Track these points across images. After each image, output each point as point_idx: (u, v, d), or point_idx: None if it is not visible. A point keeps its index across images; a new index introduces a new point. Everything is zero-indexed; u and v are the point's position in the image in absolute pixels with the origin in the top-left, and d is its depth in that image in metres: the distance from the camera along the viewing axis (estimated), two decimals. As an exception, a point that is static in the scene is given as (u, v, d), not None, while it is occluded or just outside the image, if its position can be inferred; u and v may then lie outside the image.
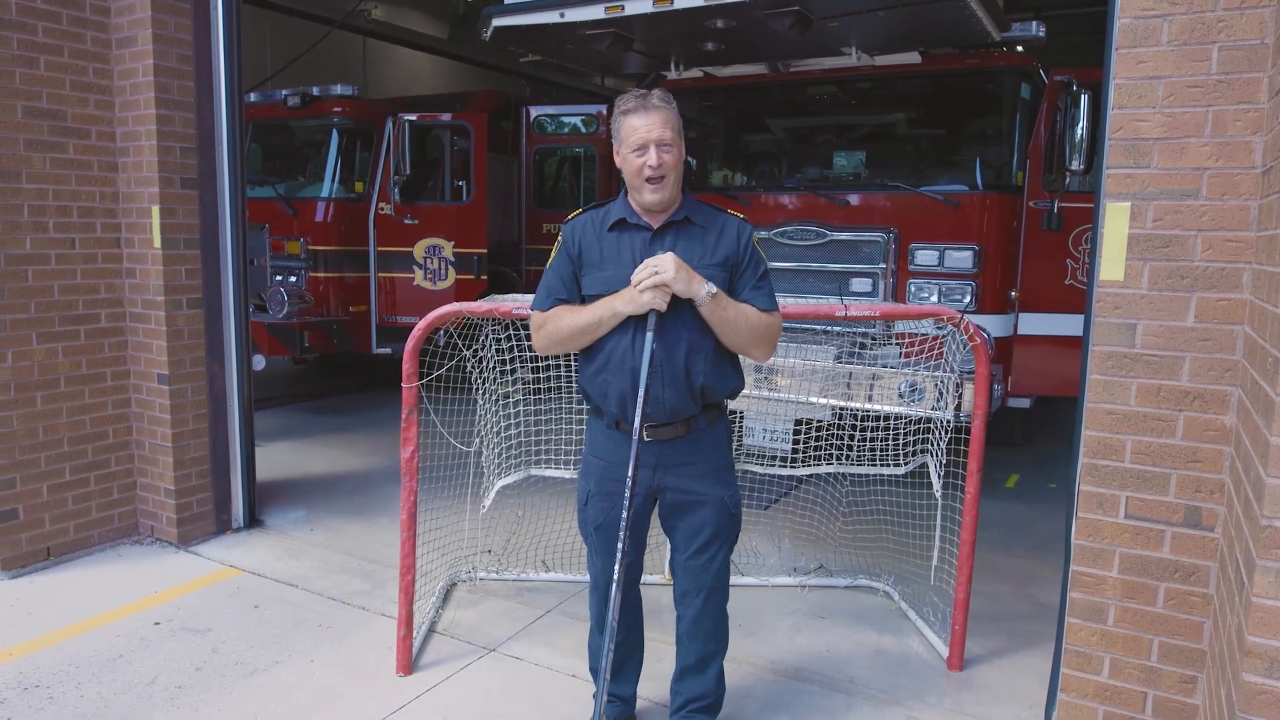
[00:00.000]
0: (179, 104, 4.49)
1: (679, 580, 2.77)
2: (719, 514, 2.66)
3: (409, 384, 3.26)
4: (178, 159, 4.51)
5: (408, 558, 3.37)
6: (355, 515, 5.19)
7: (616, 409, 2.59)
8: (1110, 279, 2.40)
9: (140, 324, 4.63)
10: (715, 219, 2.62)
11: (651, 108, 2.50)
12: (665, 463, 2.62)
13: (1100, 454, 2.44)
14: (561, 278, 2.63)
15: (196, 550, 4.67)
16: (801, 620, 3.92)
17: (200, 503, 4.78)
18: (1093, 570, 2.48)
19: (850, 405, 4.83)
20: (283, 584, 4.23)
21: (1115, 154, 2.37)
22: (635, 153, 2.50)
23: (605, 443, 2.68)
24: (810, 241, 5.90)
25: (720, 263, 2.56)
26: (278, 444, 6.72)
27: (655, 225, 2.57)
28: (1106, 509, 2.45)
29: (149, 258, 4.53)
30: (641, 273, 2.39)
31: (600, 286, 2.56)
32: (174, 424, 4.62)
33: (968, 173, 5.80)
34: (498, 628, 3.78)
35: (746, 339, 2.54)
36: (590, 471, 2.73)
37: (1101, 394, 2.43)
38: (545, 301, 2.64)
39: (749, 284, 2.58)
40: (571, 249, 2.63)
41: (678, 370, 2.53)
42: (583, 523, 2.79)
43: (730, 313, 2.48)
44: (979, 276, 5.57)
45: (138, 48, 4.40)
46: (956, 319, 3.24)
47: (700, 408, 2.60)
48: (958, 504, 3.55)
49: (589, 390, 2.67)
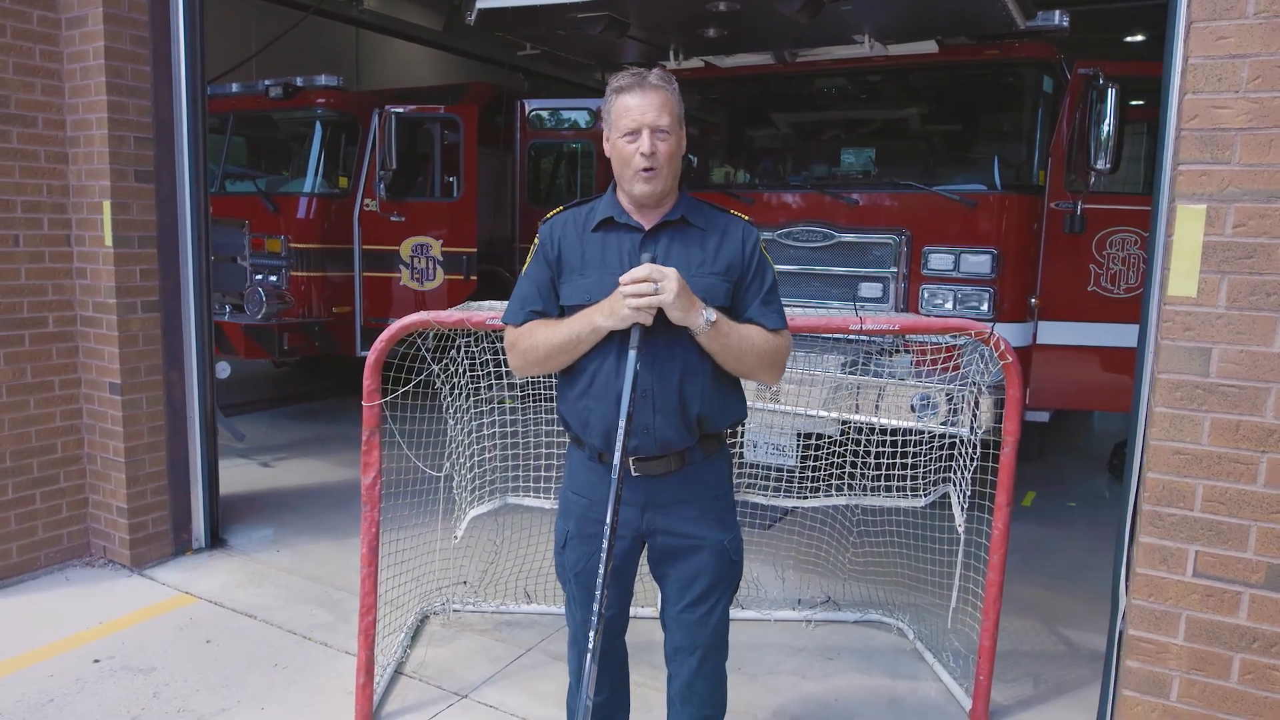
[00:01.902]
0: (133, 90, 4.13)
1: (671, 635, 2.40)
2: (717, 561, 2.30)
3: (370, 402, 2.90)
4: (132, 150, 4.14)
5: (368, 597, 3.01)
6: (327, 534, 4.83)
7: (599, 440, 2.23)
8: (1180, 295, 2.04)
9: (91, 329, 4.27)
10: (716, 220, 2.26)
11: (649, 87, 2.13)
12: (655, 501, 2.26)
13: (1165, 500, 2.08)
14: (537, 286, 2.27)
15: (151, 574, 4.31)
16: (807, 661, 3.56)
17: (156, 522, 4.42)
18: (1153, 636, 2.12)
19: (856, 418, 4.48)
20: (240, 614, 3.88)
21: (1188, 147, 2.01)
22: (626, 138, 2.13)
23: (587, 477, 2.32)
24: (817, 243, 5.54)
25: (721, 272, 2.20)
26: (251, 453, 6.36)
27: (647, 226, 2.21)
28: (1172, 565, 2.09)
29: (100, 257, 4.17)
30: (636, 284, 2.00)
31: (581, 296, 2.19)
32: (127, 437, 4.25)
33: (985, 171, 5.43)
34: (472, 669, 3.42)
35: (751, 365, 2.18)
36: (569, 510, 2.37)
37: (1168, 430, 2.06)
38: (518, 314, 2.28)
39: (755, 298, 2.22)
40: (549, 252, 2.26)
41: (670, 396, 2.17)
42: (560, 568, 2.43)
43: (732, 339, 2.12)
44: (997, 282, 5.21)
45: (88, 28, 4.03)
46: (986, 334, 2.88)
47: (697, 439, 2.24)
48: (983, 539, 3.19)
49: (568, 418, 2.31)
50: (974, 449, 3.22)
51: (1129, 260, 5.46)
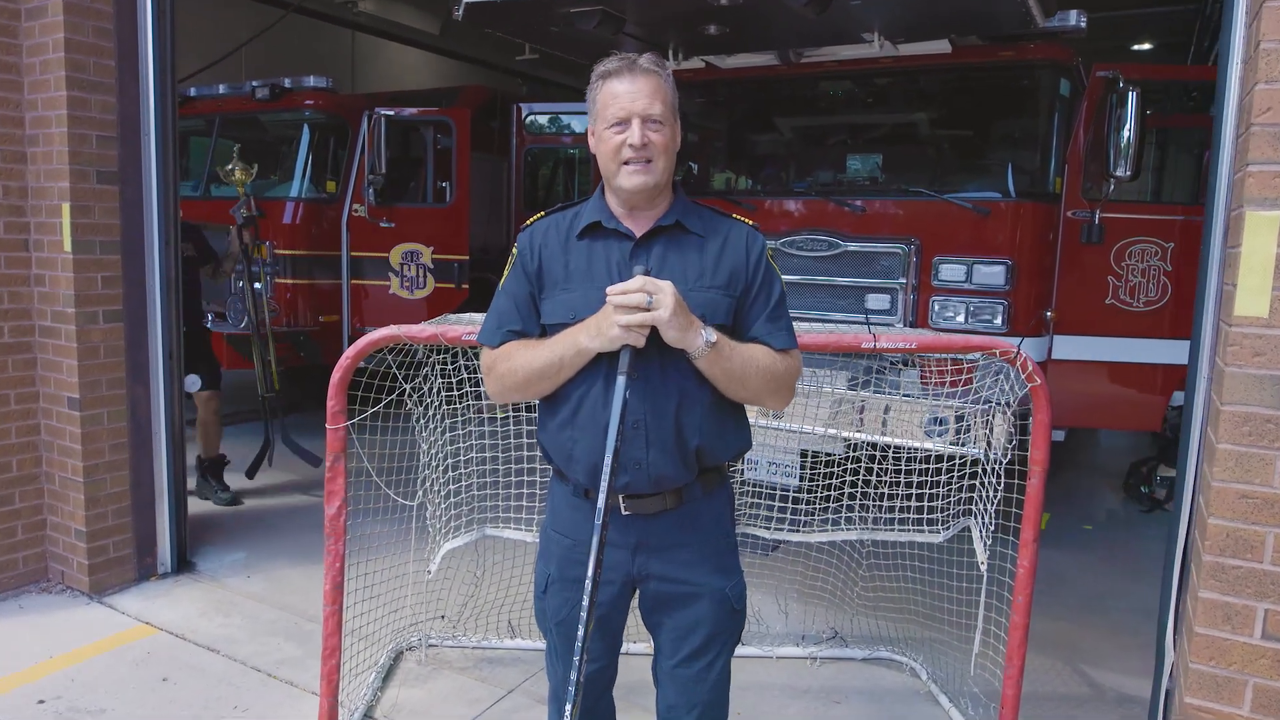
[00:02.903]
0: (96, 85, 3.87)
1: (664, 691, 2.13)
2: (717, 610, 2.03)
3: (334, 425, 2.63)
4: (94, 149, 3.88)
5: (332, 638, 2.74)
6: (303, 558, 4.55)
7: (584, 475, 1.96)
8: (1249, 315, 1.78)
9: (49, 339, 4.00)
10: (717, 226, 2.00)
11: (639, 72, 1.87)
12: (648, 544, 2.00)
13: (1230, 550, 1.82)
14: (516, 302, 2.01)
15: (111, 602, 4.03)
16: (812, 705, 3.28)
17: (118, 545, 4.14)
18: (1215, 705, 1.86)
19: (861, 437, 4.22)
20: (202, 648, 3.60)
21: (1259, 145, 1.75)
22: (613, 129, 1.87)
23: (571, 515, 2.05)
24: (821, 253, 5.28)
25: (723, 285, 1.94)
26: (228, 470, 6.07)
27: (639, 232, 1.95)
28: (1237, 625, 1.82)
29: (59, 263, 3.91)
30: (626, 296, 1.74)
31: (564, 313, 1.93)
32: (86, 455, 3.98)
33: (999, 178, 5.18)
34: (448, 712, 3.14)
35: (757, 390, 1.91)
36: (551, 551, 2.10)
37: (1234, 470, 1.80)
38: (494, 335, 2.01)
39: (761, 315, 1.96)
40: (529, 264, 2.00)
41: (665, 427, 1.90)
42: (540, 614, 2.16)
43: (735, 362, 1.85)
44: (1011, 294, 4.96)
45: (47, 19, 3.78)
46: (1012, 354, 2.62)
47: (695, 474, 1.98)
48: (1006, 576, 2.93)
49: (550, 450, 2.05)
50: (997, 478, 2.95)
51: (1149, 272, 5.21)
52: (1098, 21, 4.89)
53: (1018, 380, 2.93)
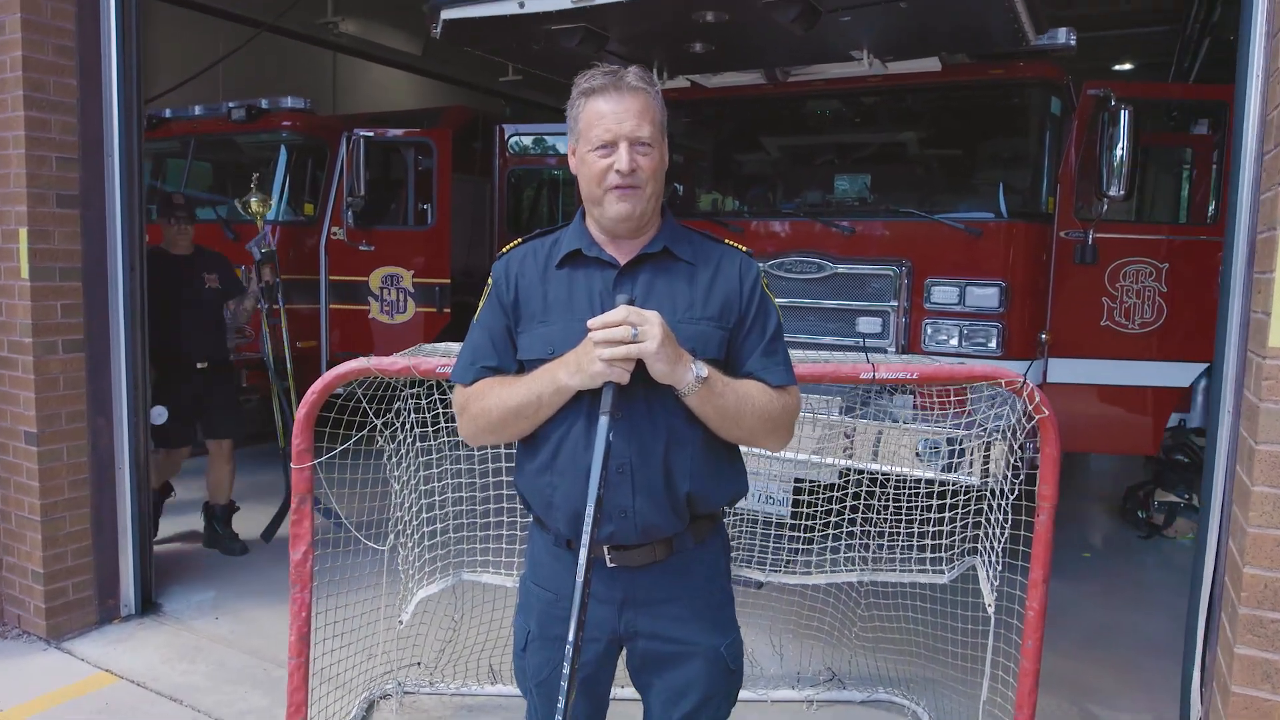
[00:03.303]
0: (56, 105, 3.71)
1: (654, 755, 1.97)
2: (712, 670, 1.87)
3: (299, 465, 2.46)
4: (53, 171, 3.71)
5: (297, 693, 2.56)
6: (275, 597, 4.31)
7: (566, 524, 1.80)
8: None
9: (6, 370, 3.81)
10: (708, 253, 1.85)
11: (626, 90, 1.73)
12: (636, 598, 1.84)
13: (1269, 602, 1.68)
14: (491, 336, 1.85)
15: (70, 647, 3.82)
16: (810, 753, 3.12)
17: (78, 587, 3.93)
18: (1257, 771, 1.70)
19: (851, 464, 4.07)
20: (163, 698, 3.40)
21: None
22: (598, 152, 1.73)
23: (552, 566, 1.89)
24: (810, 275, 5.17)
25: (715, 316, 1.79)
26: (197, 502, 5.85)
27: (623, 260, 1.80)
28: (1278, 684, 1.67)
29: (16, 290, 3.73)
30: (609, 330, 1.60)
31: (542, 348, 1.77)
32: (44, 492, 3.78)
33: (990, 198, 5.09)
34: (426, 767, 2.96)
35: (752, 429, 1.76)
36: (531, 605, 1.94)
37: (1273, 515, 1.66)
38: (468, 371, 1.85)
39: (756, 348, 1.81)
40: (504, 294, 1.85)
41: (653, 472, 1.75)
42: (520, 672, 1.99)
43: (729, 399, 1.70)
44: (1005, 316, 4.84)
45: (5, 36, 3.62)
46: (1018, 384, 2.49)
47: (687, 523, 1.82)
48: (1013, 618, 2.78)
49: (528, 496, 1.89)
50: (1004, 514, 2.80)
51: (1144, 293, 5.13)
52: (1079, 42, 4.80)
53: (1016, 405, 2.81)
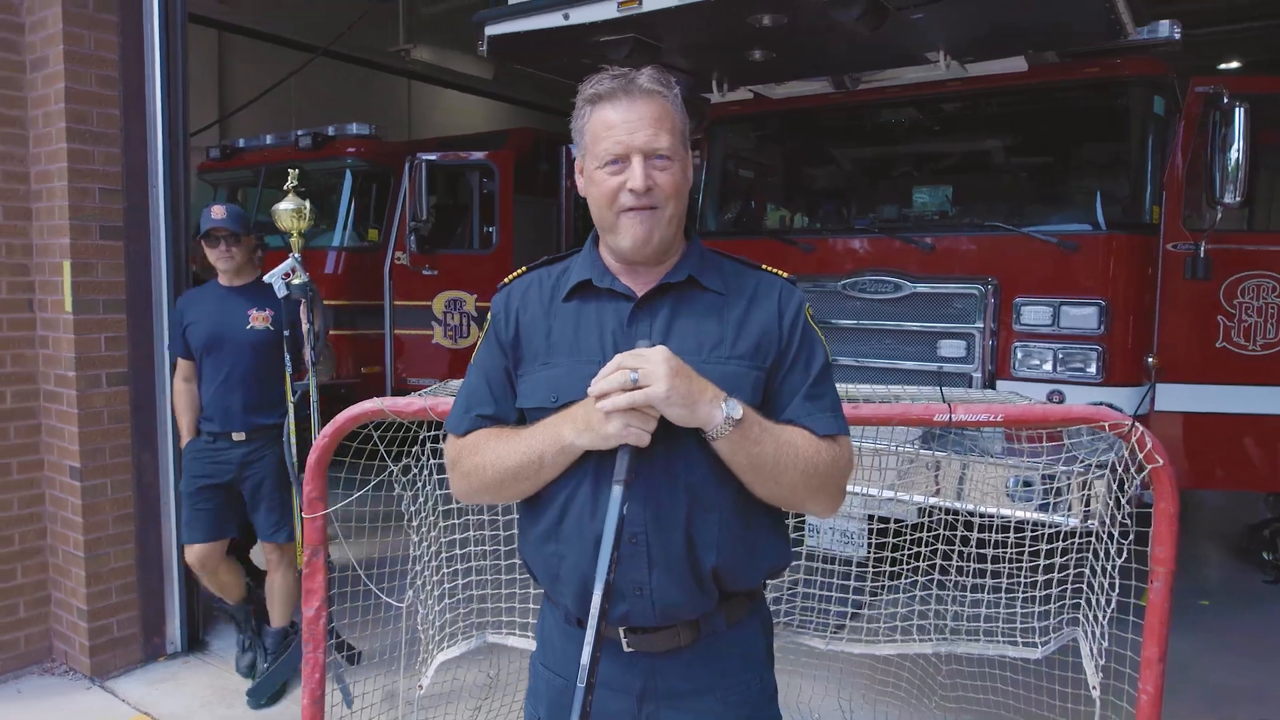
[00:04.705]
0: (99, 137, 3.67)
1: None
2: (749, 778, 1.57)
3: (311, 514, 2.26)
4: (96, 203, 3.67)
5: (309, 765, 2.35)
6: (321, 636, 4.19)
7: (574, 600, 1.53)
8: None
9: (53, 404, 3.77)
10: (741, 282, 1.57)
11: (638, 94, 1.46)
12: (658, 690, 1.55)
13: None
14: (488, 380, 1.60)
15: (112, 686, 3.73)
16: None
17: (122, 625, 3.85)
18: None
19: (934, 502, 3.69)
20: (196, 747, 3.26)
21: None
22: (608, 169, 1.47)
23: (563, 647, 1.62)
24: (886, 295, 4.79)
25: (748, 354, 1.50)
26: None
27: (640, 292, 1.53)
28: None
29: (61, 324, 3.69)
30: (608, 380, 1.35)
31: (544, 395, 1.51)
32: (87, 528, 3.72)
33: (1087, 209, 4.63)
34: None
35: (794, 486, 1.45)
36: (540, 691, 1.67)
37: None
38: (461, 421, 1.60)
39: (799, 391, 1.51)
40: (503, 332, 1.60)
41: (673, 542, 1.46)
42: (532, 765, 1.73)
43: (766, 447, 1.40)
44: (1106, 338, 4.38)
45: (49, 69, 3.60)
46: (1124, 428, 2.11)
47: (716, 602, 1.53)
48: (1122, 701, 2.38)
49: (533, 566, 1.63)
50: (1111, 579, 2.40)
51: (1265, 310, 4.58)
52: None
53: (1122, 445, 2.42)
